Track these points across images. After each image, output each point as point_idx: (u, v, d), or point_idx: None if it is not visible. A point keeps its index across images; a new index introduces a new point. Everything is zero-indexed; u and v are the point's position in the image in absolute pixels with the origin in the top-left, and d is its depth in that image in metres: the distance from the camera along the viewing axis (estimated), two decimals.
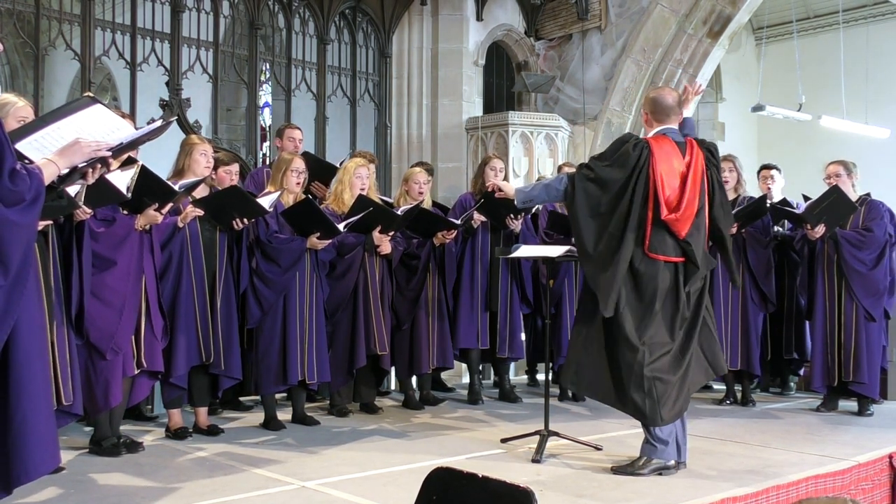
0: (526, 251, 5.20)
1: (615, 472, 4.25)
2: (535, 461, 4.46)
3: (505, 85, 10.69)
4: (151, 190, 4.29)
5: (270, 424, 5.25)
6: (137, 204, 4.26)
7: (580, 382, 4.41)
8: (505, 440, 4.92)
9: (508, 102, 10.62)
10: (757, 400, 6.39)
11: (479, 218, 6.16)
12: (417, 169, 6.50)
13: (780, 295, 6.42)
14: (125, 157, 4.05)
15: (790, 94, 11.00)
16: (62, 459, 3.67)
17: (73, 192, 3.24)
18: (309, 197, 5.39)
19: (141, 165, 4.15)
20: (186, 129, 8.06)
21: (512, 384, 6.62)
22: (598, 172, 4.24)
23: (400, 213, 5.71)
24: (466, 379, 6.95)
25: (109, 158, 2.90)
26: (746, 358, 6.17)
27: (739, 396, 6.33)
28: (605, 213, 4.21)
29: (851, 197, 5.90)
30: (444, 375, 6.94)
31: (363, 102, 9.83)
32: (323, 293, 5.42)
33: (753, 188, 7.09)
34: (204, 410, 5.13)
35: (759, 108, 10.57)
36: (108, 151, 2.86)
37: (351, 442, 4.97)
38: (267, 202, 5.03)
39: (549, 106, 10.31)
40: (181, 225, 4.80)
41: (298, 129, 6.61)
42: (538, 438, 4.63)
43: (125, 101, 8.84)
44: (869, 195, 6.12)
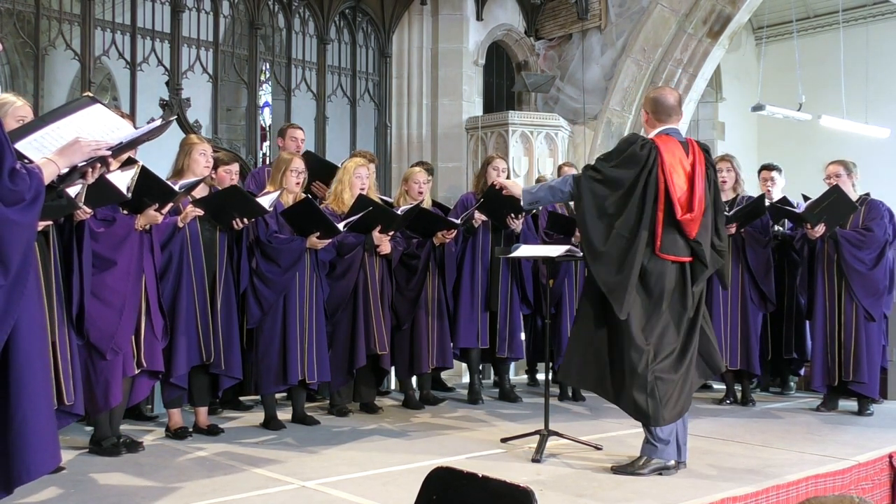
0: (526, 251, 5.20)
1: (615, 471, 4.24)
2: (535, 461, 4.46)
3: (505, 85, 10.69)
4: (151, 190, 4.28)
5: (270, 424, 5.26)
6: (137, 204, 4.26)
7: (582, 378, 4.39)
8: (505, 440, 4.92)
9: (508, 102, 10.62)
10: (757, 400, 6.39)
11: (479, 217, 6.16)
12: (417, 169, 6.50)
13: (780, 295, 6.42)
14: (125, 156, 4.05)
15: (790, 93, 11.00)
16: (62, 459, 3.66)
17: (73, 192, 3.24)
18: (308, 196, 5.39)
19: (141, 166, 4.15)
20: (186, 129, 8.06)
21: (512, 384, 6.62)
22: (605, 173, 4.22)
23: (400, 212, 5.71)
24: (466, 379, 6.96)
25: (109, 158, 2.90)
26: (746, 358, 6.16)
27: (739, 396, 6.33)
28: (612, 213, 4.19)
29: (852, 197, 5.90)
30: (444, 375, 6.94)
31: (363, 102, 9.83)
32: (323, 293, 5.42)
33: (753, 188, 7.09)
34: (204, 410, 5.13)
35: (759, 107, 10.57)
36: (107, 151, 2.86)
37: (351, 442, 4.97)
38: (267, 202, 5.03)
39: (549, 106, 10.31)
40: (181, 225, 4.80)
41: (301, 129, 6.61)
42: (538, 438, 4.62)
43: (125, 101, 8.84)
44: (868, 195, 6.12)
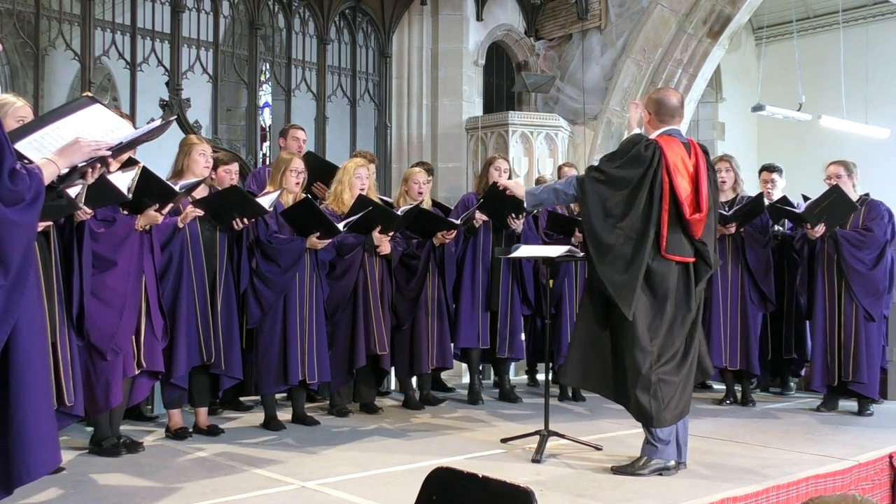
0: (525, 251, 5.20)
1: (615, 472, 4.24)
2: (535, 461, 4.46)
3: (505, 85, 10.69)
4: (152, 191, 4.28)
5: (270, 424, 5.25)
6: (137, 204, 4.26)
7: (584, 379, 4.38)
8: (505, 440, 4.91)
9: (508, 102, 10.62)
10: (757, 400, 6.38)
11: (480, 217, 6.16)
12: (417, 169, 6.50)
13: (779, 295, 6.42)
14: (125, 157, 4.05)
15: (790, 94, 11.00)
16: (62, 459, 3.66)
17: (73, 192, 3.23)
18: (308, 196, 5.38)
19: (142, 166, 4.15)
20: (186, 129, 8.06)
21: (512, 384, 6.62)
22: (609, 174, 4.22)
23: (399, 213, 5.71)
24: (466, 379, 6.95)
25: (109, 158, 2.90)
26: (746, 357, 6.16)
27: (739, 396, 6.32)
28: (617, 214, 4.18)
29: (852, 197, 5.90)
30: (444, 375, 6.94)
31: (363, 102, 9.83)
32: (323, 293, 5.42)
33: (754, 189, 7.07)
34: (204, 410, 5.13)
35: (759, 107, 10.58)
36: (107, 151, 2.86)
37: (351, 442, 4.97)
38: (266, 202, 5.03)
39: (549, 106, 10.31)
40: (181, 225, 4.80)
41: (302, 129, 6.63)
42: (538, 438, 4.62)
43: (125, 101, 8.84)
44: (868, 195, 6.12)
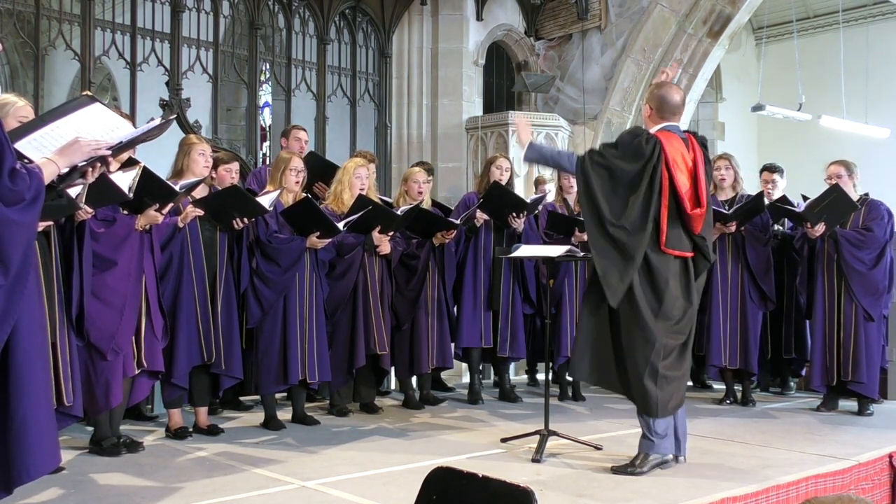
0: (525, 251, 5.20)
1: (615, 472, 4.24)
2: (535, 461, 4.46)
3: (505, 85, 10.69)
4: (152, 190, 4.28)
5: (270, 424, 5.25)
6: (138, 204, 4.26)
7: (593, 372, 4.39)
8: (505, 440, 4.91)
9: (508, 102, 10.61)
10: (757, 400, 6.38)
11: (481, 216, 6.16)
12: (417, 169, 6.50)
13: (779, 294, 6.42)
14: (125, 156, 4.05)
15: (790, 94, 11.00)
16: (62, 459, 3.66)
17: (74, 192, 3.23)
18: (308, 196, 5.38)
19: (143, 167, 4.15)
20: (186, 129, 8.05)
21: (512, 384, 6.61)
22: (610, 161, 4.24)
23: (399, 213, 5.71)
24: (466, 379, 6.95)
25: (109, 157, 2.90)
26: (745, 356, 6.16)
27: (739, 396, 6.32)
28: (615, 203, 4.20)
29: (852, 197, 5.90)
30: (444, 375, 6.94)
31: (363, 102, 9.82)
32: (323, 293, 5.42)
33: (754, 189, 7.07)
34: (204, 410, 5.13)
35: (759, 107, 10.57)
36: (107, 150, 2.86)
37: (351, 442, 4.97)
38: (266, 201, 5.03)
39: (549, 106, 10.31)
40: (181, 225, 4.80)
41: (304, 130, 6.64)
42: (538, 438, 4.62)
43: (125, 101, 8.83)
44: (868, 195, 6.11)
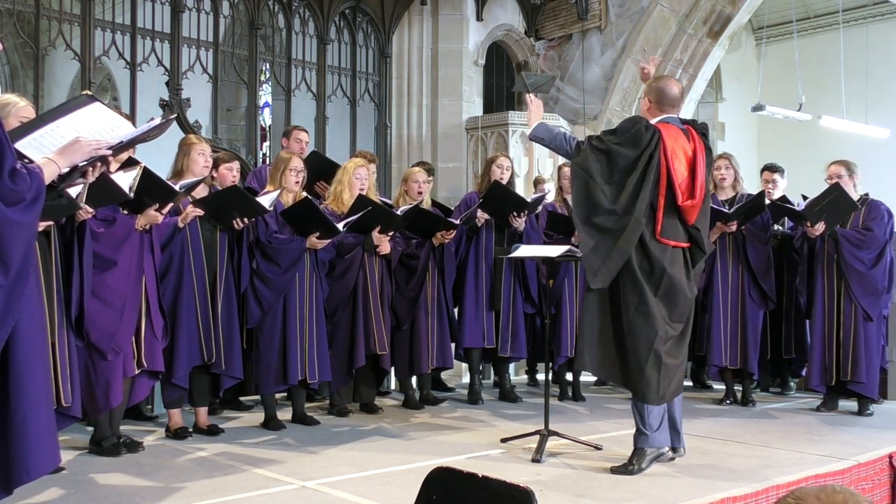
0: (525, 251, 5.20)
1: (614, 472, 4.24)
2: (535, 461, 4.46)
3: (505, 85, 10.69)
4: (152, 190, 4.28)
5: (270, 424, 5.25)
6: (138, 204, 4.26)
7: (599, 363, 4.39)
8: (505, 440, 4.91)
9: (508, 102, 10.61)
10: (757, 400, 6.38)
11: (482, 216, 6.16)
12: (417, 169, 6.49)
13: (779, 294, 6.42)
14: (125, 156, 4.05)
15: (790, 94, 10.99)
16: (62, 459, 3.66)
17: (74, 192, 3.23)
18: (308, 196, 5.39)
19: (143, 167, 4.15)
20: (186, 129, 8.05)
21: (512, 384, 6.61)
22: (608, 146, 4.25)
23: (399, 213, 5.71)
24: (466, 379, 6.95)
25: (109, 157, 2.90)
26: (744, 356, 6.16)
27: (739, 396, 6.32)
28: (609, 187, 4.21)
29: (853, 197, 5.90)
30: (444, 375, 6.94)
31: (363, 102, 9.82)
32: (323, 293, 5.42)
33: (754, 189, 7.06)
34: (204, 410, 5.12)
35: (759, 108, 10.57)
36: (108, 150, 2.86)
37: (351, 442, 4.97)
38: (266, 201, 5.03)
39: (549, 106, 10.29)
40: (181, 225, 4.80)
41: (305, 131, 6.64)
42: (538, 438, 4.62)
43: (125, 101, 8.83)
44: (868, 195, 6.11)
